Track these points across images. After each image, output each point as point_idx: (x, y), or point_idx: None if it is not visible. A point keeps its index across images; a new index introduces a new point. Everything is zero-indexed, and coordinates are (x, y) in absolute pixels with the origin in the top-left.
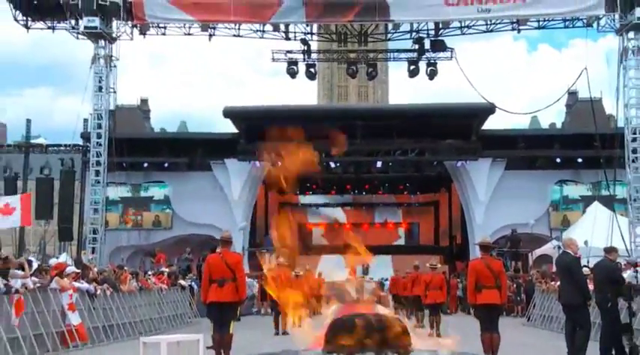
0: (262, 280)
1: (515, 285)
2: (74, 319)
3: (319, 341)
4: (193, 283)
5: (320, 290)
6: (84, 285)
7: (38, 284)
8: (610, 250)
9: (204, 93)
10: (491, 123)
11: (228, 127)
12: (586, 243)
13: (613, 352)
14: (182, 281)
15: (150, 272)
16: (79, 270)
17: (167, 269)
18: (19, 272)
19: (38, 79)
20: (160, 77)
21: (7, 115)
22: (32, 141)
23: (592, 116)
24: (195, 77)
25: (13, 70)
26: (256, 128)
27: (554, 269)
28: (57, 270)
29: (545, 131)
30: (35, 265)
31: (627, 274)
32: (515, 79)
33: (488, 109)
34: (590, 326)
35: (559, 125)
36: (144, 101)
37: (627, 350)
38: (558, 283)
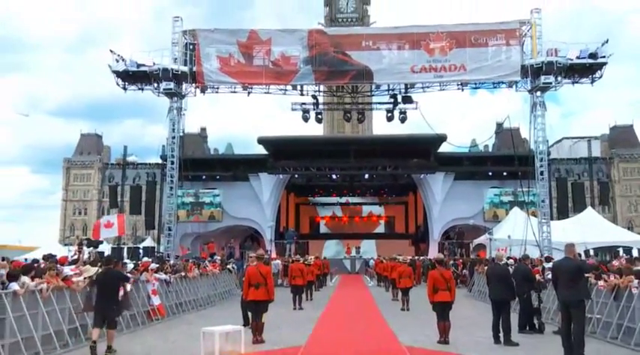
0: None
1: (461, 264)
2: (156, 301)
3: None
4: (234, 265)
5: (327, 269)
6: (162, 276)
7: (132, 278)
8: (525, 258)
9: (245, 122)
10: (443, 148)
11: (261, 150)
12: (509, 236)
13: (527, 327)
14: (229, 266)
15: (207, 260)
16: (158, 265)
17: (219, 257)
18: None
19: (132, 112)
20: (215, 111)
21: (111, 139)
22: (128, 159)
23: (512, 143)
24: (239, 111)
25: (115, 107)
26: (280, 151)
27: (487, 256)
28: (144, 267)
29: (481, 153)
30: (130, 266)
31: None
32: (461, 114)
33: (442, 138)
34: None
35: (490, 146)
36: (203, 129)
37: (537, 325)
38: (487, 267)
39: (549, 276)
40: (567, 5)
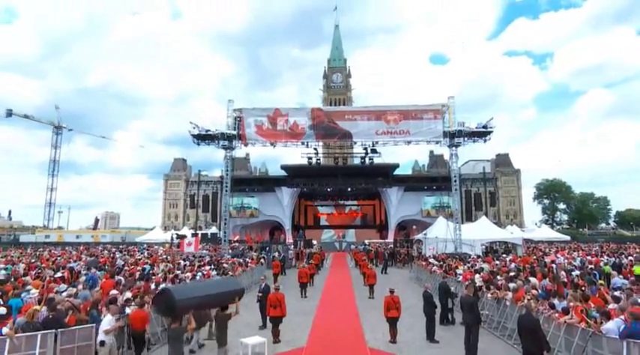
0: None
1: (407, 253)
2: None
3: None
4: (265, 256)
5: (323, 256)
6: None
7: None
8: (445, 276)
9: (275, 149)
10: (397, 172)
11: (283, 172)
12: (436, 237)
13: (444, 321)
14: (262, 261)
15: (248, 256)
16: (217, 271)
17: (255, 254)
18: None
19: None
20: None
21: (192, 159)
22: (201, 173)
23: (437, 168)
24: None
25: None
26: (295, 173)
27: (423, 252)
28: (207, 276)
29: (419, 175)
30: (198, 277)
31: (456, 273)
32: (408, 149)
33: (395, 166)
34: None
35: (426, 166)
36: (247, 154)
37: (450, 319)
38: (433, 259)
39: (459, 279)
40: (468, 76)
